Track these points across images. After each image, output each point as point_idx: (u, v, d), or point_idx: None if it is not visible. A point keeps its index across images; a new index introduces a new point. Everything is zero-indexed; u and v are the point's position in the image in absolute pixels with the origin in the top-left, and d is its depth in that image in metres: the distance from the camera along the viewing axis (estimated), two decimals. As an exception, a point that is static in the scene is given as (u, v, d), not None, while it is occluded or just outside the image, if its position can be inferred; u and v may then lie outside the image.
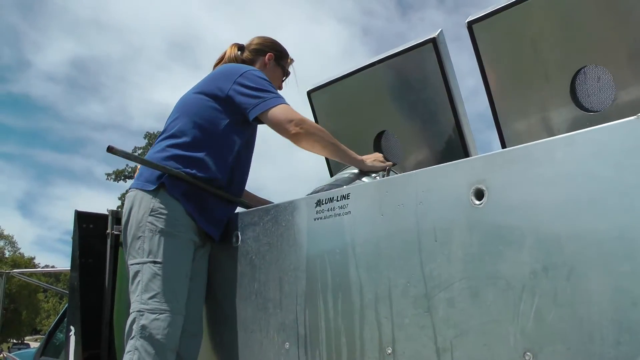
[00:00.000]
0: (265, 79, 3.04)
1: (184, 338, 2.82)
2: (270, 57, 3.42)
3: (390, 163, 2.96)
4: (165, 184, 2.83)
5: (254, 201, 3.41)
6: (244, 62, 3.37)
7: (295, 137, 2.86)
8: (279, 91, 3.42)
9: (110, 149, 2.75)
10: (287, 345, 2.51)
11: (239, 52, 3.43)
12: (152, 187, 2.84)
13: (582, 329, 1.63)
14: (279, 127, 2.88)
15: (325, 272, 2.39)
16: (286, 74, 3.52)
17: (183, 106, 3.08)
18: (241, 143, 3.05)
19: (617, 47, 2.47)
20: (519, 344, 1.75)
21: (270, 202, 3.25)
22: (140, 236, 2.80)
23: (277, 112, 2.89)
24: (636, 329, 1.53)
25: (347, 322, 2.27)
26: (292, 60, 3.56)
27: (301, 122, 2.87)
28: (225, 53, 3.44)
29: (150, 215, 2.80)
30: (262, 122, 3.00)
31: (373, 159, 2.99)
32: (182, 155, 2.89)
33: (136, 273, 2.77)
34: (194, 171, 2.86)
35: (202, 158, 2.89)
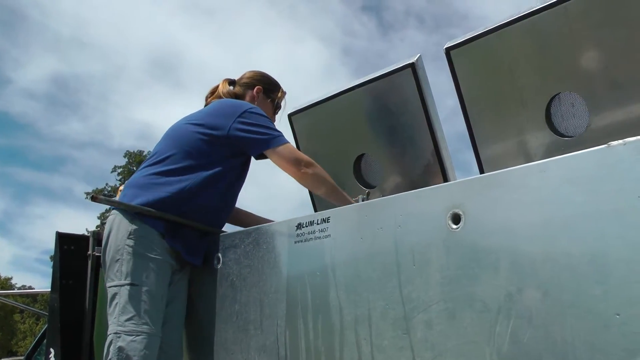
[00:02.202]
0: (265, 116, 3.10)
1: None
2: (259, 90, 3.44)
3: None
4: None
5: (254, 221, 3.45)
6: (236, 95, 3.40)
7: (304, 177, 2.94)
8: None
9: (95, 199, 2.80)
10: (267, 366, 2.53)
11: (231, 87, 3.46)
12: (132, 212, 2.87)
13: (556, 350, 1.67)
14: (287, 165, 2.94)
15: (305, 294, 2.42)
16: (277, 107, 3.56)
17: (175, 135, 3.10)
18: (233, 177, 3.09)
19: (590, 76, 2.52)
20: (495, 365, 1.79)
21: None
22: (118, 259, 2.81)
23: (285, 150, 2.96)
24: (608, 350, 1.57)
25: (327, 343, 2.30)
26: (284, 93, 3.59)
27: (310, 164, 2.95)
28: (217, 87, 3.48)
29: (128, 238, 2.82)
30: (264, 158, 3.04)
31: None
32: (169, 186, 2.92)
33: (114, 295, 2.79)
34: (176, 204, 2.90)
35: (191, 191, 2.92)
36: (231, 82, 3.50)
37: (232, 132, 2.97)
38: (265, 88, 3.49)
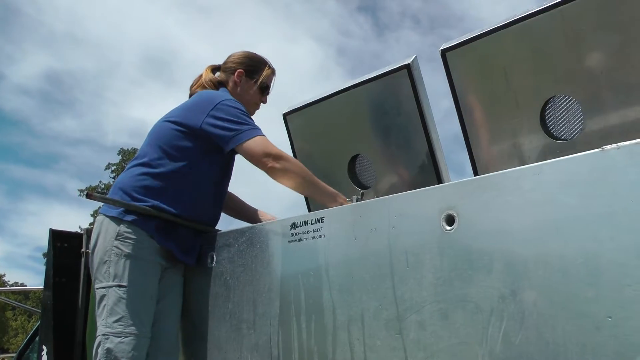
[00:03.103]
0: (239, 109, 3.02)
1: (161, 357, 2.85)
2: (240, 74, 3.35)
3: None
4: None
5: (257, 216, 3.47)
6: (219, 83, 3.34)
7: (271, 171, 2.86)
8: (262, 105, 3.46)
9: (90, 196, 2.80)
10: (260, 365, 2.54)
11: (215, 74, 3.41)
12: (120, 212, 2.87)
13: (547, 352, 1.68)
14: (255, 159, 2.88)
15: (298, 293, 2.43)
16: (263, 87, 3.43)
17: (155, 133, 3.08)
18: (215, 172, 3.07)
19: (585, 79, 2.53)
20: (487, 366, 1.80)
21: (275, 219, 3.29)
22: (106, 260, 2.81)
23: (252, 144, 2.89)
24: (599, 352, 1.58)
25: (319, 343, 2.30)
26: (270, 70, 3.47)
27: (278, 156, 2.86)
28: (201, 76, 3.40)
29: (116, 239, 2.81)
30: (237, 153, 3.01)
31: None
32: (152, 185, 2.91)
33: (102, 297, 2.78)
34: (164, 205, 2.89)
35: (174, 190, 2.92)
36: (215, 69, 3.44)
37: (204, 126, 2.93)
38: (248, 70, 3.38)
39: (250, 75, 3.38)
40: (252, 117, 3.14)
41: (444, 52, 2.88)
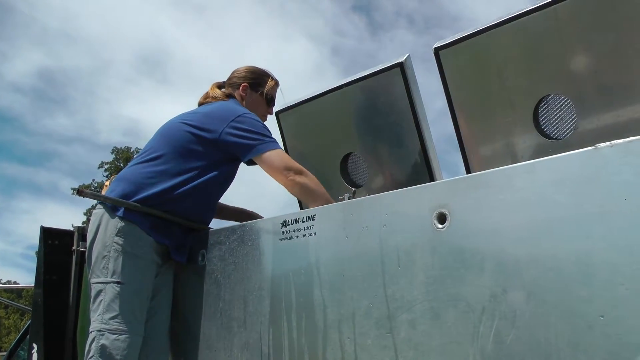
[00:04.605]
0: (260, 122, 3.06)
1: (152, 354, 2.84)
2: (244, 87, 3.38)
3: None
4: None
5: (244, 215, 3.48)
6: (228, 96, 3.36)
7: (292, 184, 2.88)
8: (269, 116, 3.50)
9: (81, 193, 2.79)
10: (250, 364, 2.53)
11: (221, 90, 3.42)
12: (120, 209, 2.85)
13: (539, 351, 1.67)
14: (276, 171, 2.90)
15: (289, 292, 2.42)
16: (269, 99, 3.48)
17: (168, 134, 3.07)
18: (221, 181, 3.08)
19: (578, 78, 2.53)
20: (478, 366, 1.79)
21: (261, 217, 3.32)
22: (105, 255, 2.79)
23: (274, 155, 2.92)
24: (592, 351, 1.57)
25: (310, 341, 2.29)
26: (274, 82, 3.52)
27: (300, 171, 2.90)
28: (208, 93, 3.42)
29: (116, 235, 2.80)
30: (254, 164, 3.02)
31: None
32: (158, 185, 2.90)
33: (99, 292, 2.77)
34: (166, 204, 2.89)
35: (179, 192, 2.91)
36: (220, 86, 3.46)
37: (223, 136, 2.94)
38: (252, 83, 3.42)
39: (254, 88, 3.42)
40: None
41: (437, 51, 2.87)
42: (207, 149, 2.98)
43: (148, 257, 2.85)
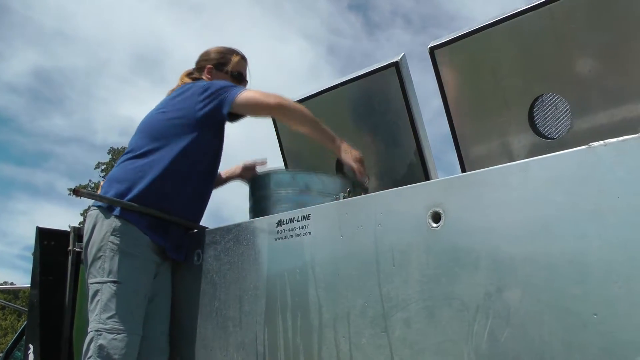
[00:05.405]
0: (224, 81, 3.10)
1: (152, 355, 2.84)
2: (209, 69, 3.36)
3: (359, 169, 2.96)
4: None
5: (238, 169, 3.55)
6: (196, 80, 3.33)
7: (277, 108, 2.91)
8: None
9: (77, 193, 2.79)
10: (246, 363, 2.53)
11: (190, 77, 3.40)
12: (116, 208, 2.85)
13: (534, 349, 1.67)
14: (258, 104, 2.91)
15: (285, 291, 2.42)
16: (236, 76, 3.40)
17: (147, 127, 3.08)
18: (204, 165, 3.07)
19: (573, 77, 2.54)
20: (473, 364, 1.79)
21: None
22: (101, 255, 2.79)
23: (247, 94, 2.92)
24: (585, 349, 1.57)
25: (305, 341, 2.29)
26: (239, 57, 3.46)
27: (280, 96, 2.90)
28: (179, 82, 3.41)
29: (112, 235, 2.80)
30: (237, 117, 3.01)
31: (351, 154, 2.98)
32: (149, 179, 2.89)
33: (96, 292, 2.76)
34: (161, 195, 2.89)
35: (165, 179, 2.90)
36: (189, 73, 3.44)
37: (199, 111, 2.95)
38: (216, 63, 3.38)
39: (219, 67, 3.38)
40: None
41: (432, 50, 2.88)
42: (186, 130, 2.97)
43: (145, 256, 2.84)
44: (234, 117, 3.02)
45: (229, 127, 3.09)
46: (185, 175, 2.96)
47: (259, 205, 2.98)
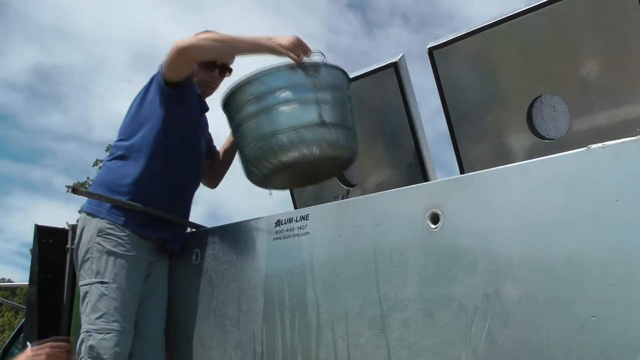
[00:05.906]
0: None
1: (148, 355, 2.84)
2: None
3: (296, 55, 2.73)
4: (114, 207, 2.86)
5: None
6: None
7: (184, 51, 2.80)
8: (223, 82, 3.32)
9: (75, 191, 2.78)
10: (243, 363, 2.53)
11: None
12: (100, 208, 2.86)
13: (531, 351, 1.68)
14: (172, 59, 2.83)
15: (283, 291, 2.42)
16: (204, 64, 3.20)
17: (122, 125, 3.09)
18: (177, 147, 3.00)
19: (572, 79, 2.54)
20: (471, 365, 1.80)
21: None
22: (89, 257, 2.80)
23: (166, 57, 2.85)
24: (583, 352, 1.58)
25: (303, 341, 2.29)
26: None
27: (188, 38, 2.85)
28: None
29: (98, 236, 2.80)
30: (179, 85, 2.94)
31: (283, 45, 2.74)
32: (127, 164, 2.92)
33: (85, 294, 2.77)
34: (144, 196, 2.87)
35: (143, 175, 2.89)
36: None
37: (155, 90, 2.96)
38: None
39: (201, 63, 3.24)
40: (208, 97, 3.20)
41: (431, 51, 2.88)
42: (151, 111, 2.97)
43: (132, 254, 2.82)
44: (176, 85, 2.94)
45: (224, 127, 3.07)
46: (162, 167, 2.94)
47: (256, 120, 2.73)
